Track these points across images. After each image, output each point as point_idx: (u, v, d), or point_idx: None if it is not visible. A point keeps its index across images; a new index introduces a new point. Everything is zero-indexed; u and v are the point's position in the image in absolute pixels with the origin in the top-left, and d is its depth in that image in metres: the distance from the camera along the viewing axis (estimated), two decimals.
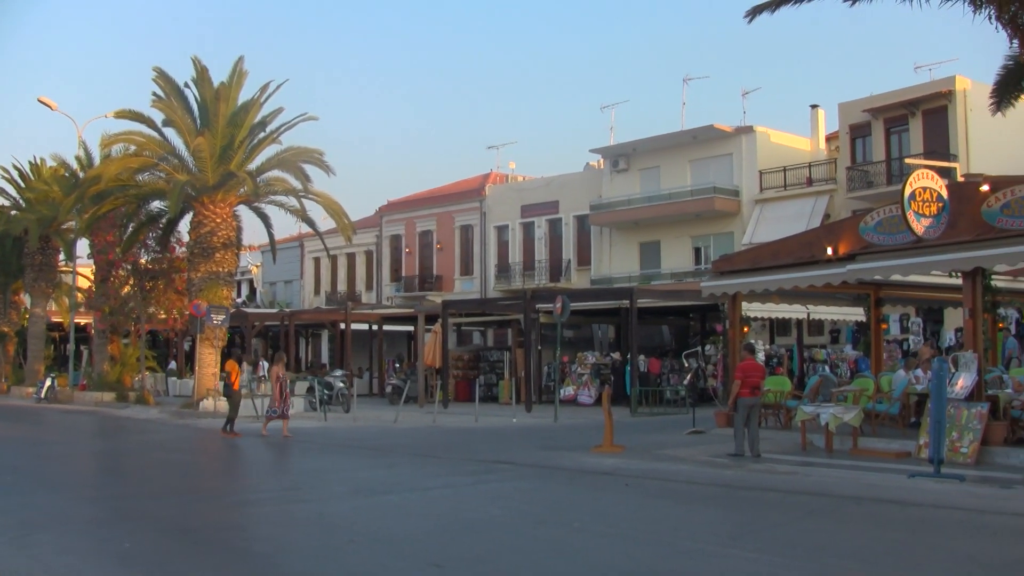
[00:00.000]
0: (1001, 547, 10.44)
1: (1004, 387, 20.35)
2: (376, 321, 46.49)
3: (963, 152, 39.41)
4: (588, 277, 52.02)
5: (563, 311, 28.41)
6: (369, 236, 64.20)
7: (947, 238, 18.13)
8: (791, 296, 26.48)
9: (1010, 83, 18.31)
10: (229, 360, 27.15)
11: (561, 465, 18.06)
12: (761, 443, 20.21)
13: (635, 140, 50.77)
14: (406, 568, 9.56)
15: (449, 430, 26.30)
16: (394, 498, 14.39)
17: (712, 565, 9.45)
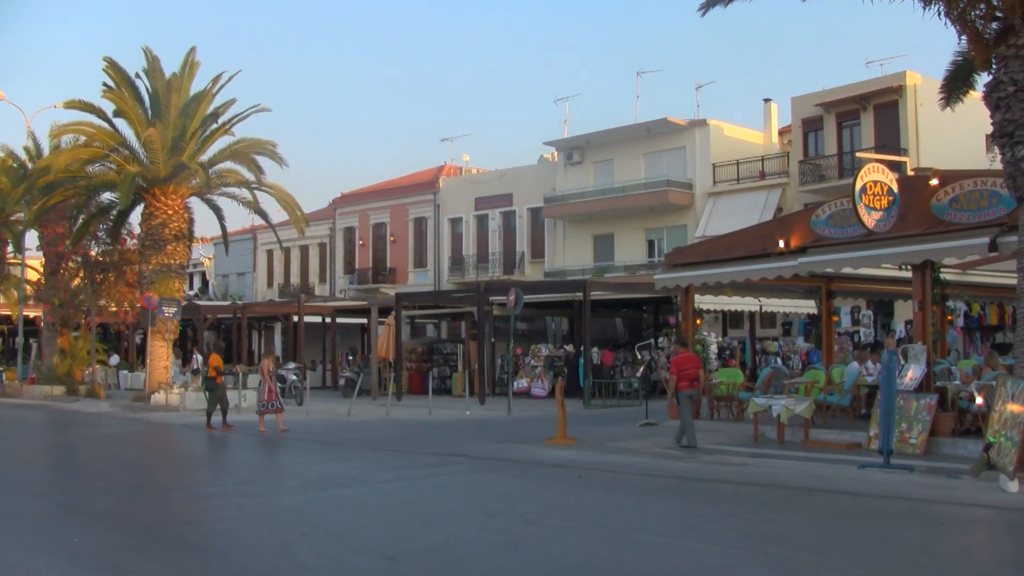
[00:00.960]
0: (948, 536, 10.55)
1: (952, 379, 20.56)
2: (329, 314, 46.32)
3: (913, 146, 39.79)
4: (542, 269, 52.04)
5: (516, 303, 28.39)
6: (322, 228, 63.94)
7: (897, 231, 18.29)
8: (744, 289, 26.61)
9: (959, 79, 18.46)
10: (213, 355, 26.80)
11: (514, 457, 18.06)
12: (714, 435, 20.43)
13: (589, 133, 50.86)
14: (359, 561, 9.53)
15: (402, 423, 26.24)
16: (347, 491, 14.34)
17: (665, 556, 9.48)
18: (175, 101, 34.72)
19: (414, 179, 62.69)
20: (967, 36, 15.39)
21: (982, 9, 15.06)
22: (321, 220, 63.54)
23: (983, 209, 17.42)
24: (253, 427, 24.09)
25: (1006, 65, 14.32)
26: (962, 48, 16.88)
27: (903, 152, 38.44)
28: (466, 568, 9.23)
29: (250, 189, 36.95)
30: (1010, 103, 14.16)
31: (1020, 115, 13.99)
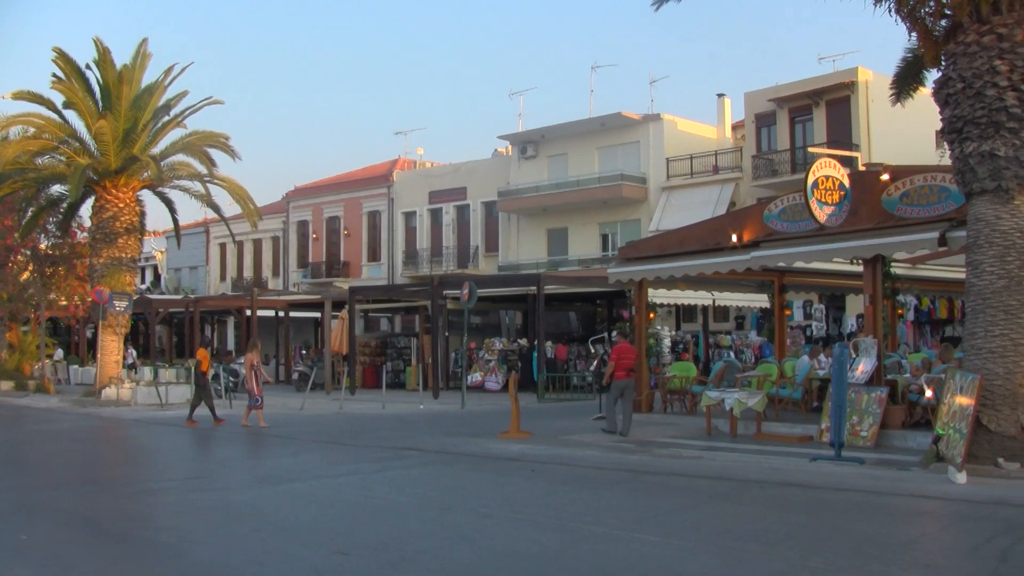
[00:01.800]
0: (898, 527, 10.65)
1: (903, 372, 20.76)
2: (283, 307, 46.13)
3: (865, 142, 40.12)
4: (496, 263, 52.08)
5: (470, 297, 28.39)
6: (275, 222, 63.65)
7: (849, 226, 18.43)
8: (697, 283, 26.74)
9: (909, 75, 18.61)
10: (200, 349, 26.54)
11: (468, 451, 18.06)
12: (668, 428, 20.56)
13: (543, 127, 50.91)
14: (311, 556, 9.48)
15: (356, 417, 26.18)
16: (300, 486, 14.29)
17: (617, 549, 9.50)
18: (126, 93, 34.43)
19: (368, 172, 62.49)
20: (917, 33, 15.53)
21: (931, 7, 15.20)
22: (274, 213, 63.26)
23: (933, 204, 17.58)
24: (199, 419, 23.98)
25: (955, 62, 14.46)
26: (912, 45, 17.05)
27: (855, 147, 38.73)
28: (419, 562, 9.21)
29: (202, 182, 36.76)
30: (959, 99, 14.30)
31: (968, 111, 14.13)
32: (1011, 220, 14.05)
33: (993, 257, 14.03)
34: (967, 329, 14.67)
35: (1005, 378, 13.84)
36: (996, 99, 13.86)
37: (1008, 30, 14.01)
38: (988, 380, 13.83)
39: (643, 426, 21.54)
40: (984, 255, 14.13)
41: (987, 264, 14.09)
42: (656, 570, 8.71)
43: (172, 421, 25.39)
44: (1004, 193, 13.94)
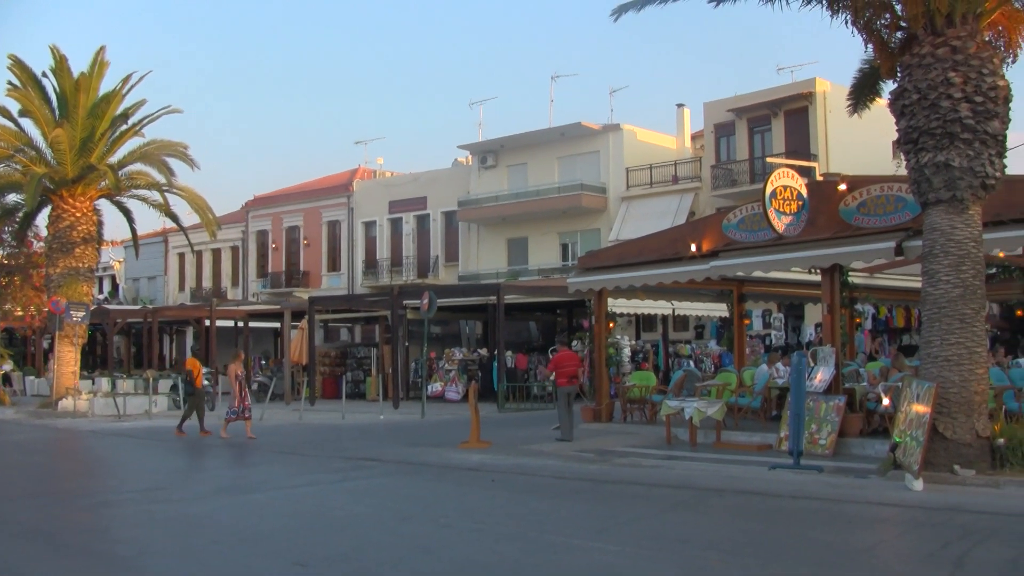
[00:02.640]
0: (856, 534, 10.71)
1: (861, 380, 20.91)
2: (242, 318, 45.83)
3: (823, 152, 40.42)
4: (456, 273, 52.05)
5: (430, 307, 28.34)
6: (235, 231, 63.35)
7: (807, 235, 18.55)
8: (656, 292, 26.79)
9: (866, 86, 18.74)
10: (189, 359, 26.27)
11: (428, 461, 18.04)
12: (627, 437, 20.63)
13: (503, 137, 50.97)
14: (270, 567, 9.45)
15: (316, 427, 26.09)
16: (259, 496, 14.23)
17: (577, 559, 9.52)
18: (83, 101, 34.24)
19: (327, 182, 62.34)
20: (873, 45, 15.66)
21: (887, 19, 15.33)
22: (233, 223, 62.96)
23: (890, 214, 17.75)
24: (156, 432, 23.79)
25: (910, 73, 14.59)
26: (868, 56, 17.18)
27: (813, 157, 39.02)
28: (378, 573, 9.19)
29: (161, 191, 36.61)
30: (914, 110, 14.42)
31: (924, 122, 14.26)
32: (966, 230, 14.18)
33: (948, 266, 14.16)
34: (923, 338, 14.79)
35: (961, 386, 13.95)
36: (950, 110, 13.99)
37: (962, 42, 14.16)
38: (944, 388, 13.95)
39: (603, 435, 21.60)
40: (940, 264, 14.26)
41: (943, 273, 14.21)
42: None
43: (130, 432, 25.22)
44: (959, 203, 14.08)
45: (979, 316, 14.28)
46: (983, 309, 14.58)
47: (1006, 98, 14.28)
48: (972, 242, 14.22)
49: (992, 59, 14.32)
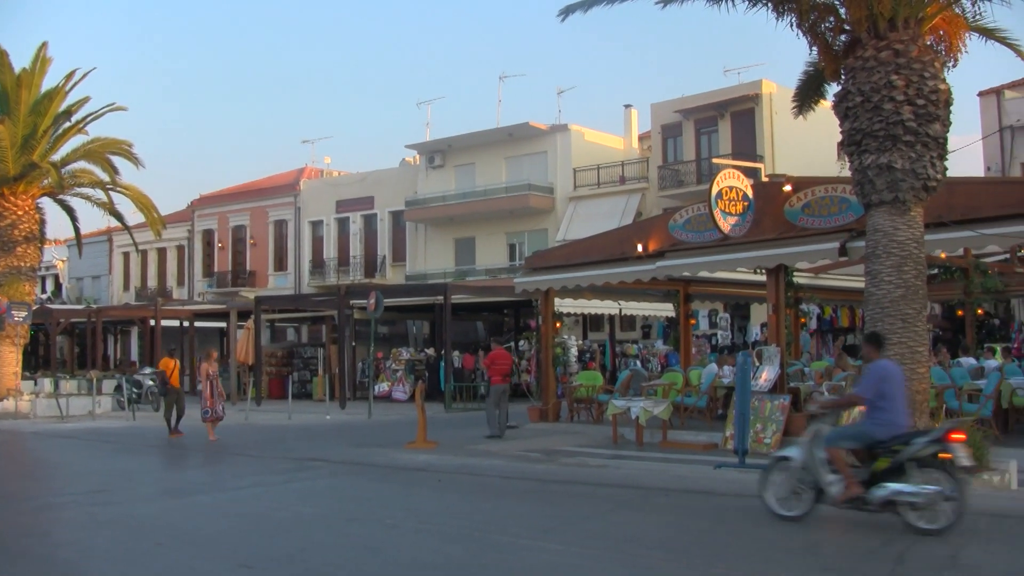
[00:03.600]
0: (800, 532, 10.79)
1: (806, 380, 21.10)
2: (187, 317, 45.51)
3: (769, 153, 40.70)
4: (403, 273, 51.92)
5: (377, 307, 28.26)
6: (180, 231, 62.83)
7: (752, 236, 18.71)
8: (603, 292, 26.90)
9: (810, 88, 18.90)
10: (165, 358, 25.56)
11: (374, 462, 18.00)
12: (574, 437, 20.72)
13: (451, 136, 50.87)
14: (215, 569, 9.40)
15: (262, 428, 25.96)
16: (204, 498, 14.13)
17: (523, 559, 9.54)
18: (25, 98, 33.79)
19: (274, 181, 61.95)
20: (818, 47, 15.79)
21: (832, 22, 15.47)
22: (179, 222, 62.45)
23: (834, 215, 17.94)
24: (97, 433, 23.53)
25: (854, 76, 14.73)
26: (813, 59, 17.31)
27: (759, 159, 39.29)
28: (324, 574, 9.17)
29: (105, 190, 36.26)
30: (858, 113, 14.56)
31: (867, 124, 14.40)
32: (908, 231, 14.34)
33: (891, 267, 14.31)
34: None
35: None
36: (893, 113, 14.14)
37: (904, 46, 14.32)
38: None
39: (550, 435, 21.65)
40: (882, 265, 14.40)
41: (885, 274, 14.36)
42: None
43: (73, 434, 24.93)
44: (901, 204, 14.23)
45: (921, 316, 14.44)
46: (925, 309, 14.76)
47: (947, 101, 14.46)
48: (914, 243, 14.39)
49: (933, 63, 14.49)
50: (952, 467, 10.28)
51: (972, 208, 16.35)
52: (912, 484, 10.30)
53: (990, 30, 15.86)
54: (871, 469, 10.77)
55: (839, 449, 11.05)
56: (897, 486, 10.36)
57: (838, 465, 10.94)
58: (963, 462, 10.37)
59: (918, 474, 10.36)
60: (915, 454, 10.49)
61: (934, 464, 10.36)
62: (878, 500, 10.50)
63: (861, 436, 11.17)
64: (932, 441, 10.49)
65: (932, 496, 10.17)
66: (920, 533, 10.07)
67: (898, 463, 10.54)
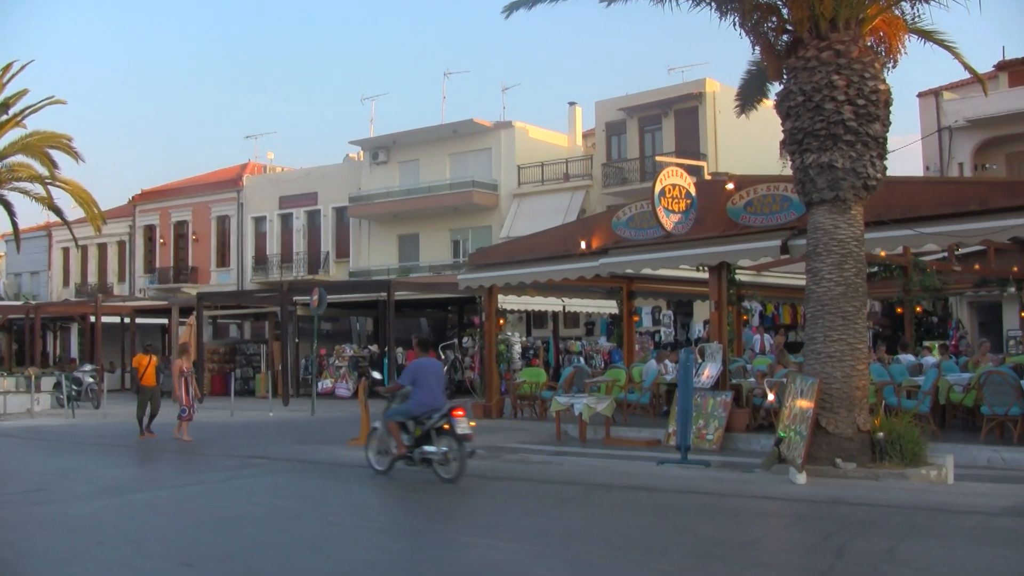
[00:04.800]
0: (741, 527, 10.89)
1: (748, 376, 21.27)
2: (128, 314, 45.06)
3: (712, 152, 40.97)
4: (347, 269, 51.74)
5: (320, 303, 28.15)
6: (122, 226, 62.20)
7: (695, 233, 18.83)
8: (547, 289, 26.97)
9: (753, 87, 19.02)
10: (138, 355, 24.51)
11: (317, 459, 17.92)
12: (517, 434, 20.81)
13: (395, 133, 50.79)
14: (155, 568, 9.31)
15: (203, 425, 25.71)
16: (144, 496, 14.00)
17: (466, 555, 9.54)
18: None
19: (217, 177, 61.48)
20: (760, 47, 15.89)
21: (774, 22, 15.58)
22: (120, 218, 61.82)
23: (775, 213, 18.10)
24: (35, 432, 23.20)
25: (796, 76, 14.84)
26: (756, 59, 17.44)
27: (702, 157, 39.53)
28: (266, 572, 9.12)
29: (43, 184, 35.84)
30: (799, 112, 14.68)
31: (809, 124, 14.52)
32: (848, 229, 14.48)
33: (831, 265, 14.44)
34: (807, 334, 15.07)
35: (843, 382, 14.25)
36: (834, 112, 14.27)
37: (845, 47, 14.45)
38: (827, 384, 14.23)
39: (493, 432, 21.65)
40: (823, 263, 14.54)
41: (826, 271, 14.49)
42: (505, 575, 8.77)
43: (10, 432, 24.59)
44: (842, 203, 14.36)
45: (861, 313, 14.59)
46: (865, 307, 14.91)
47: (887, 102, 14.61)
48: (854, 241, 14.53)
49: (874, 63, 14.64)
50: (455, 434, 14.12)
51: (911, 207, 16.57)
52: (434, 446, 14.30)
53: (929, 32, 16.06)
54: (414, 436, 14.68)
55: (392, 421, 15.01)
56: (426, 447, 14.41)
57: (392, 432, 14.95)
58: (460, 430, 14.18)
59: (437, 439, 14.32)
60: (434, 425, 14.39)
61: (445, 432, 14.24)
62: (417, 457, 14.53)
63: (405, 412, 14.91)
64: (442, 416, 14.35)
65: (444, 454, 14.18)
66: (442, 480, 14.05)
67: (426, 431, 14.47)
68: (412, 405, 14.81)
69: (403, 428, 14.94)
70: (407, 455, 14.72)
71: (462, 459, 14.06)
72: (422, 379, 14.88)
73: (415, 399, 14.77)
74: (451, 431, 14.22)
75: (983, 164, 37.14)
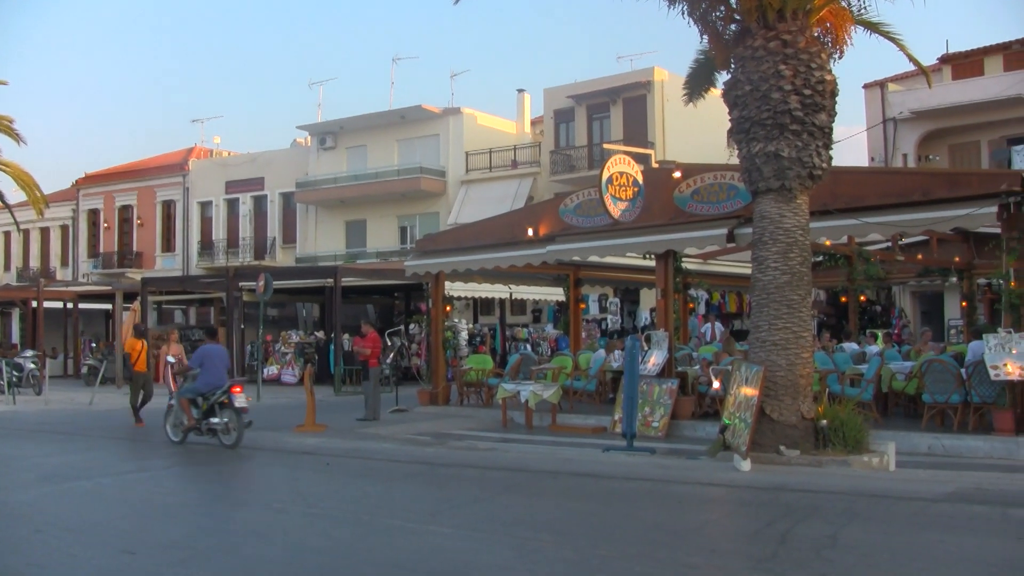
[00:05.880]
0: (686, 514, 10.96)
1: (694, 364, 21.37)
2: (71, 299, 44.50)
3: (660, 140, 41.12)
4: (294, 255, 51.52)
5: (266, 289, 27.96)
6: (65, 210, 61.49)
7: (642, 221, 18.88)
8: (494, 276, 26.96)
9: (701, 76, 19.04)
10: (130, 338, 23.96)
11: (262, 445, 17.81)
12: (463, 420, 20.82)
13: (343, 118, 50.55)
14: (96, 556, 9.22)
15: (148, 411, 25.38)
16: (86, 484, 13.85)
17: (411, 542, 9.52)
18: None
19: (163, 161, 60.90)
20: (708, 36, 15.94)
21: (722, 11, 15.61)
22: (64, 201, 61.12)
23: (722, 202, 18.20)
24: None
25: (743, 65, 14.90)
26: (704, 47, 17.45)
27: (650, 145, 39.67)
28: (209, 559, 9.05)
29: None
30: (746, 101, 14.74)
31: (755, 113, 14.58)
32: (794, 218, 14.57)
33: (777, 253, 14.53)
34: (753, 322, 15.16)
35: (787, 369, 14.35)
36: (781, 102, 14.34)
37: (792, 37, 14.53)
38: (772, 372, 14.33)
39: (439, 419, 21.67)
40: (769, 251, 14.62)
41: (771, 260, 14.58)
42: (449, 562, 8.75)
43: None
44: (787, 192, 14.45)
45: (805, 302, 14.70)
46: (809, 295, 15.03)
47: (833, 92, 14.71)
48: (800, 230, 14.63)
49: (820, 54, 14.72)
50: (233, 407, 16.94)
51: (856, 197, 16.71)
52: (217, 418, 17.09)
53: (875, 24, 16.16)
54: (202, 410, 17.37)
55: (184, 398, 17.66)
56: (211, 419, 17.20)
57: (184, 408, 17.64)
58: (238, 404, 16.98)
59: (220, 412, 17.13)
60: (217, 400, 17.18)
61: (226, 406, 17.05)
62: (204, 427, 17.31)
63: (194, 390, 17.61)
64: (223, 392, 17.11)
65: (226, 424, 17.00)
66: (224, 446, 16.84)
67: (211, 405, 17.26)
68: (200, 384, 17.58)
69: (193, 404, 17.57)
70: (196, 426, 17.49)
71: (240, 428, 16.94)
72: (208, 362, 17.70)
73: (202, 379, 17.57)
74: (230, 405, 17.04)
75: (927, 155, 37.56)
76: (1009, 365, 15.00)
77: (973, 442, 15.52)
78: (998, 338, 15.29)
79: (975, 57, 38.81)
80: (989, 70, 37.76)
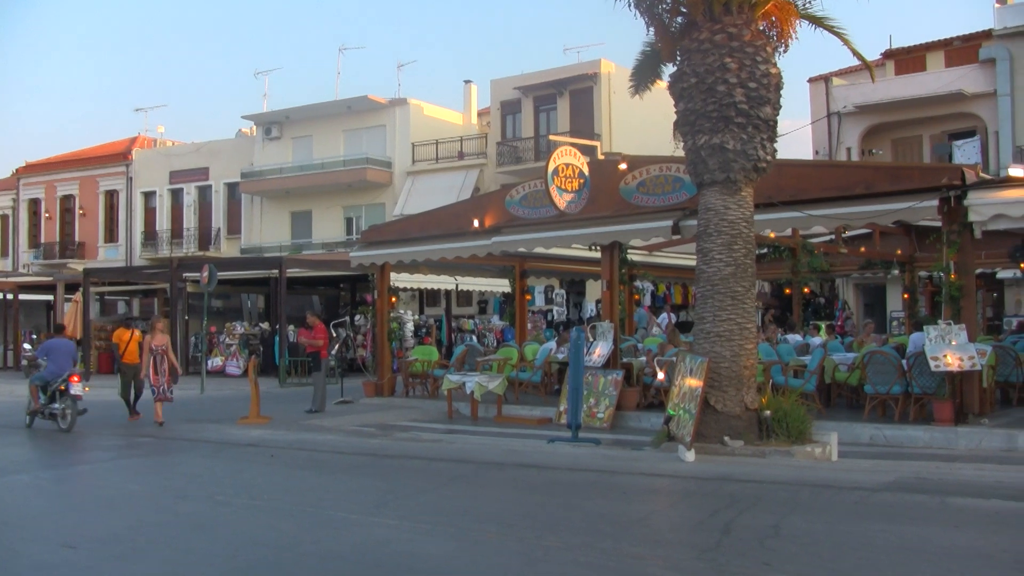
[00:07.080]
0: (630, 504, 10.99)
1: (639, 355, 21.46)
2: (11, 290, 43.90)
3: (606, 132, 41.22)
4: (238, 246, 51.17)
5: (210, 280, 27.76)
6: (5, 199, 60.73)
7: (588, 213, 18.92)
8: (440, 267, 26.92)
9: (647, 68, 19.06)
10: (118, 329, 23.02)
11: (206, 438, 17.70)
12: (409, 412, 20.78)
13: (289, 108, 50.25)
14: (35, 551, 9.11)
15: (89, 403, 25.01)
16: (26, 477, 13.69)
17: (355, 534, 9.49)
18: None
19: (105, 150, 60.17)
20: (655, 28, 15.97)
21: (668, 4, 15.64)
22: (3, 191, 60.39)
23: (667, 193, 18.28)
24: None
25: (689, 58, 14.96)
26: (650, 40, 17.47)
27: (596, 137, 39.76)
28: (151, 553, 8.97)
29: None
30: (692, 94, 14.81)
31: (701, 106, 14.65)
32: (738, 210, 14.66)
33: (721, 245, 14.62)
34: (697, 314, 15.24)
35: (732, 360, 14.45)
36: (726, 95, 14.42)
37: (738, 30, 14.60)
38: (716, 363, 14.42)
39: (385, 410, 21.61)
40: (713, 243, 14.70)
41: (716, 252, 14.66)
42: (394, 553, 8.73)
43: None
44: (732, 184, 14.54)
45: (750, 294, 14.80)
46: (754, 287, 15.14)
47: (777, 85, 14.81)
48: (744, 222, 14.72)
49: (765, 47, 14.81)
50: (69, 394, 18.57)
51: (800, 190, 16.84)
52: (57, 403, 18.72)
53: (820, 18, 16.25)
54: (47, 396, 19.05)
55: (34, 385, 19.43)
56: (53, 405, 18.83)
57: (32, 394, 19.41)
58: (73, 392, 18.58)
59: (60, 399, 18.77)
60: (56, 388, 18.83)
61: (63, 393, 18.72)
62: (46, 412, 18.99)
63: (41, 378, 19.27)
64: (63, 380, 18.73)
65: (62, 410, 18.60)
66: (59, 430, 18.43)
67: (53, 391, 18.89)
68: (46, 373, 19.29)
69: (42, 390, 19.25)
70: (41, 411, 19.19)
71: (74, 414, 18.67)
72: (53, 354, 19.44)
73: (48, 368, 19.31)
74: (67, 392, 18.66)
75: (870, 149, 37.95)
76: (949, 356, 15.17)
77: (914, 432, 15.70)
78: (938, 330, 15.46)
79: (917, 53, 39.28)
80: (931, 66, 38.23)
